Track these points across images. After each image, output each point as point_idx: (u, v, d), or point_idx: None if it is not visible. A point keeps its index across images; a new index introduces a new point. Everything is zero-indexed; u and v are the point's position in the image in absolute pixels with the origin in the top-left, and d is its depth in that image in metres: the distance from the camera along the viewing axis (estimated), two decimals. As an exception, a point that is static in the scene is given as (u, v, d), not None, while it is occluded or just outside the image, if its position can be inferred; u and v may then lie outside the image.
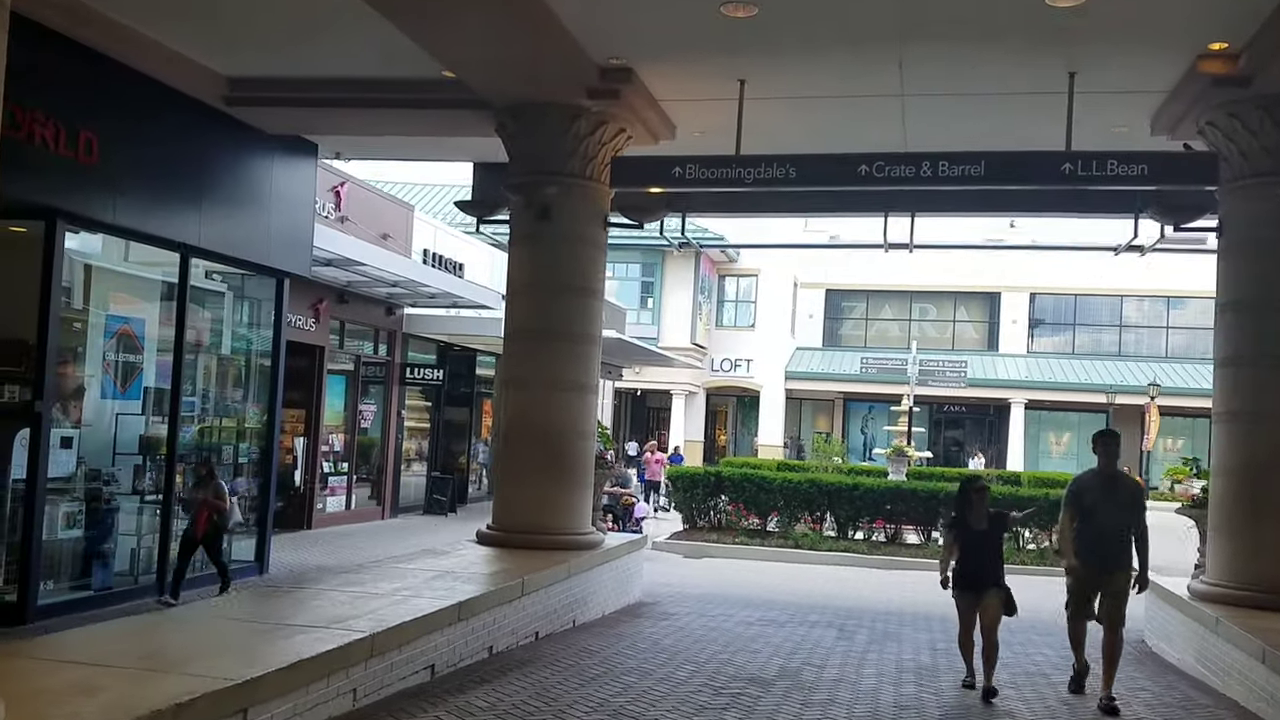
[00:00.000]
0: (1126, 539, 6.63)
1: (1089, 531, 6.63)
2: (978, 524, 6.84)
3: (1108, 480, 6.76)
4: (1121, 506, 6.61)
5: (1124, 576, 6.71)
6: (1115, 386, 34.46)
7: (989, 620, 6.78)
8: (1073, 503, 6.78)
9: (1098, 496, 6.63)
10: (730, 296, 39.12)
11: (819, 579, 13.73)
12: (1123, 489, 6.78)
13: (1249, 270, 7.42)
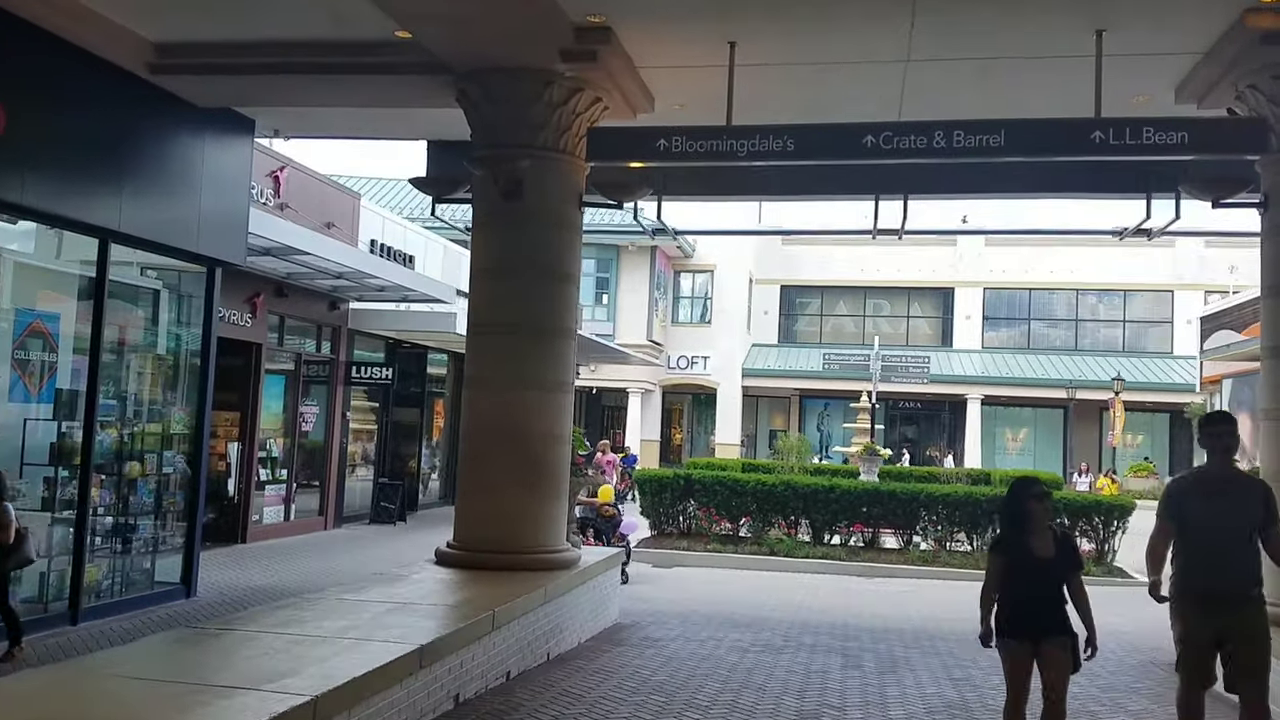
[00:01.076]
0: (1253, 563, 5.01)
1: (1199, 555, 5.04)
2: (1040, 549, 5.02)
3: (1223, 483, 5.10)
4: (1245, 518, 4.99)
5: (1257, 613, 5.02)
6: (1076, 381, 34.34)
7: (1053, 683, 5.01)
8: (1172, 515, 5.17)
9: (1210, 507, 5.03)
10: (686, 293, 38.36)
11: (801, 590, 12.89)
12: (1245, 493, 5.10)
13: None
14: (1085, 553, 15.49)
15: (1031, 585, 5.02)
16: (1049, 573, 5.04)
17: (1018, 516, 5.14)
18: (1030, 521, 5.07)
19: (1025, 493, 5.14)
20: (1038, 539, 5.07)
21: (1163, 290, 37.89)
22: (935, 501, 15.58)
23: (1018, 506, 5.14)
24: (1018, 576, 5.06)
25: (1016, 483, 5.30)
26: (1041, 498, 5.09)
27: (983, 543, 15.26)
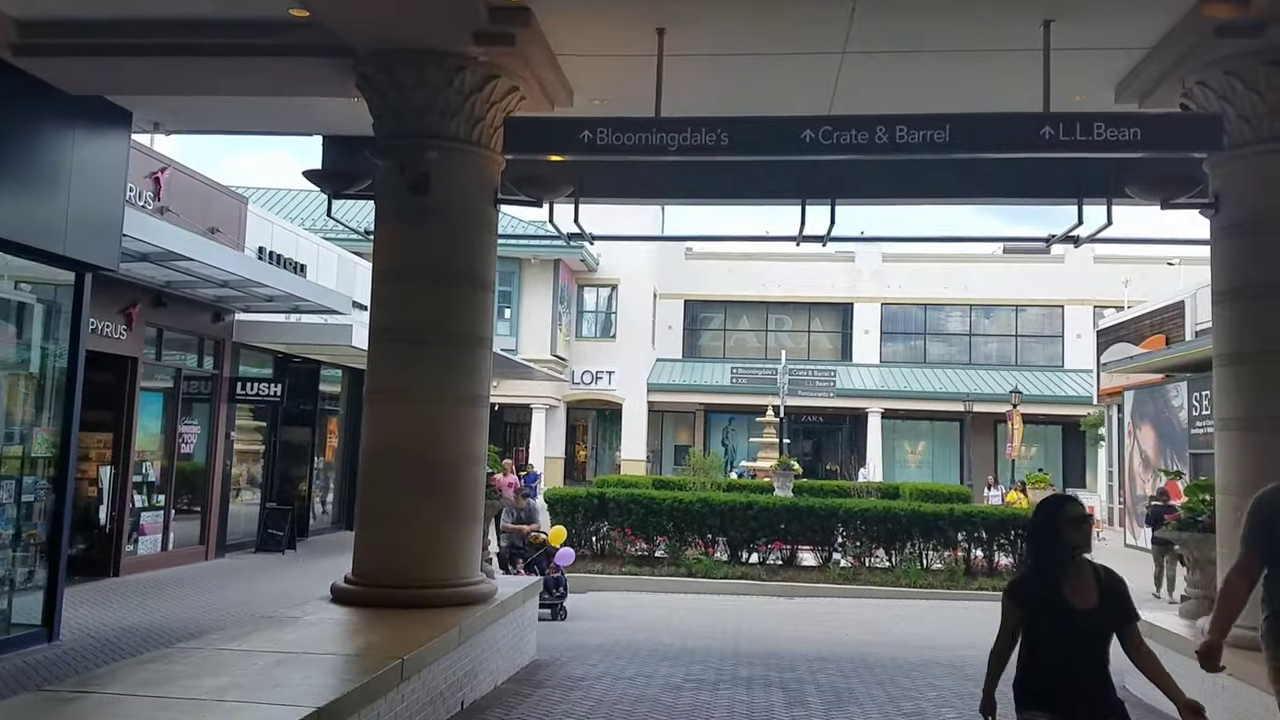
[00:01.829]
0: None
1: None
2: (1078, 595, 3.68)
3: None
4: None
5: None
6: (973, 395, 35.01)
7: None
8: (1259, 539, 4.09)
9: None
10: (590, 307, 37.77)
11: (724, 613, 12.33)
12: None
13: (1257, 251, 6.48)
14: (1003, 568, 15.51)
15: (1067, 648, 3.64)
16: (1091, 629, 3.65)
17: (1048, 548, 3.74)
18: (1065, 555, 3.71)
19: (1058, 514, 3.74)
20: (1075, 581, 3.70)
21: (1053, 306, 39.14)
22: (854, 517, 15.30)
23: (1049, 534, 3.74)
24: (1047, 634, 3.67)
25: (1047, 502, 3.88)
26: (1080, 522, 3.74)
27: (901, 557, 15.07)
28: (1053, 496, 3.97)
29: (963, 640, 10.82)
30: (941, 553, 15.18)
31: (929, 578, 14.67)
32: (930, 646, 10.34)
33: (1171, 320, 23.95)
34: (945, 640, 10.84)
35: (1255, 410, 6.49)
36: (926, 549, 15.22)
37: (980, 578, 14.81)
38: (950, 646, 10.37)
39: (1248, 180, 6.48)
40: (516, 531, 12.42)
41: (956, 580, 14.62)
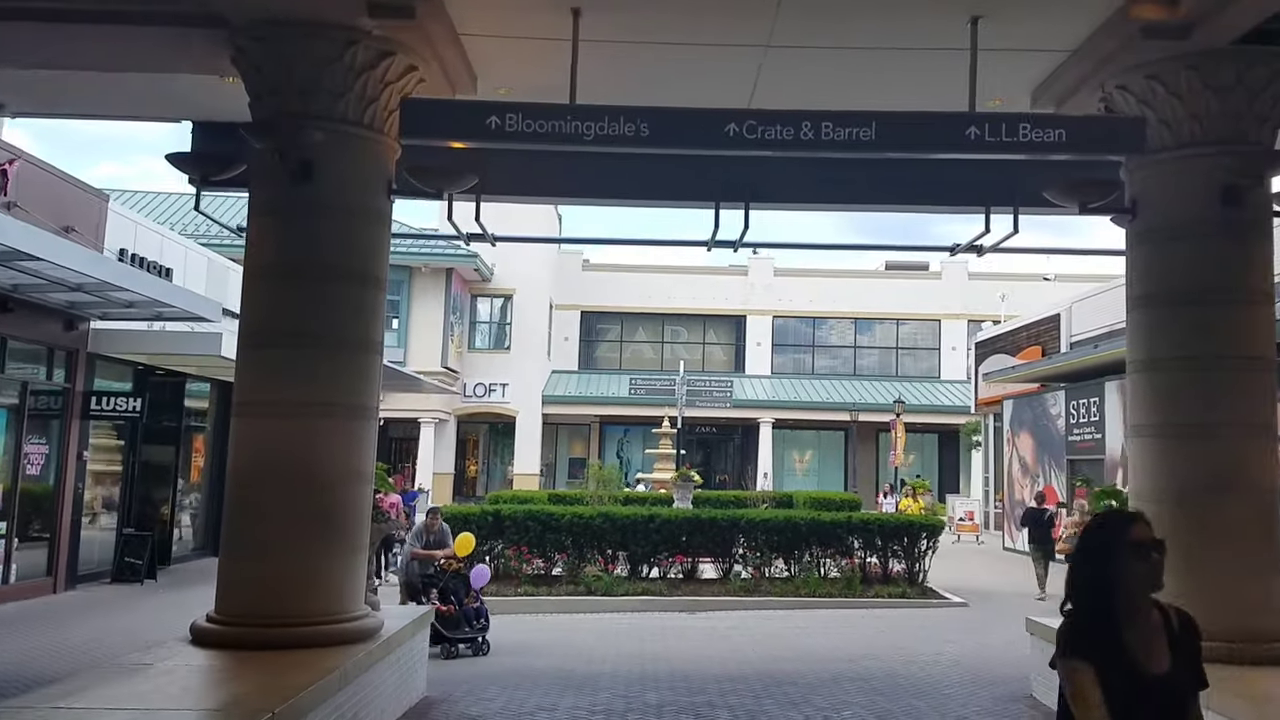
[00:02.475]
0: None
1: None
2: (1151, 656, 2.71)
3: None
4: None
5: None
6: (858, 405, 35.68)
7: None
8: None
9: None
10: (484, 318, 36.84)
11: (627, 633, 11.82)
12: None
13: (1171, 259, 6.40)
14: (897, 574, 15.57)
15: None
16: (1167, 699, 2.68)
17: (1109, 583, 2.71)
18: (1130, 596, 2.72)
19: (1119, 537, 2.75)
20: (1142, 632, 2.72)
21: (931, 320, 40.31)
22: (755, 527, 15.05)
23: (1106, 564, 2.71)
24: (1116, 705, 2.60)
25: (1105, 521, 2.90)
26: (1149, 549, 2.74)
27: (800, 567, 14.91)
28: (1112, 513, 2.97)
29: (865, 650, 10.67)
30: (839, 561, 15.09)
31: (827, 586, 14.56)
32: (836, 659, 10.12)
33: (1047, 332, 24.79)
34: (849, 650, 10.66)
35: (1169, 417, 6.42)
36: (824, 558, 15.10)
37: (876, 585, 14.81)
38: (855, 657, 10.19)
39: (1166, 186, 6.42)
40: (427, 558, 11.05)
41: (854, 588, 14.55)
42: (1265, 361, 6.38)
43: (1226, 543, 6.11)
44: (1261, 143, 6.20)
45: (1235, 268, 6.25)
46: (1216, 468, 6.15)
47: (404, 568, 11.00)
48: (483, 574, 11.20)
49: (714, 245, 9.63)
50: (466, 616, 10.35)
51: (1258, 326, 6.34)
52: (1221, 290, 6.23)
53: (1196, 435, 6.21)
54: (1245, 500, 6.14)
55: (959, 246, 9.86)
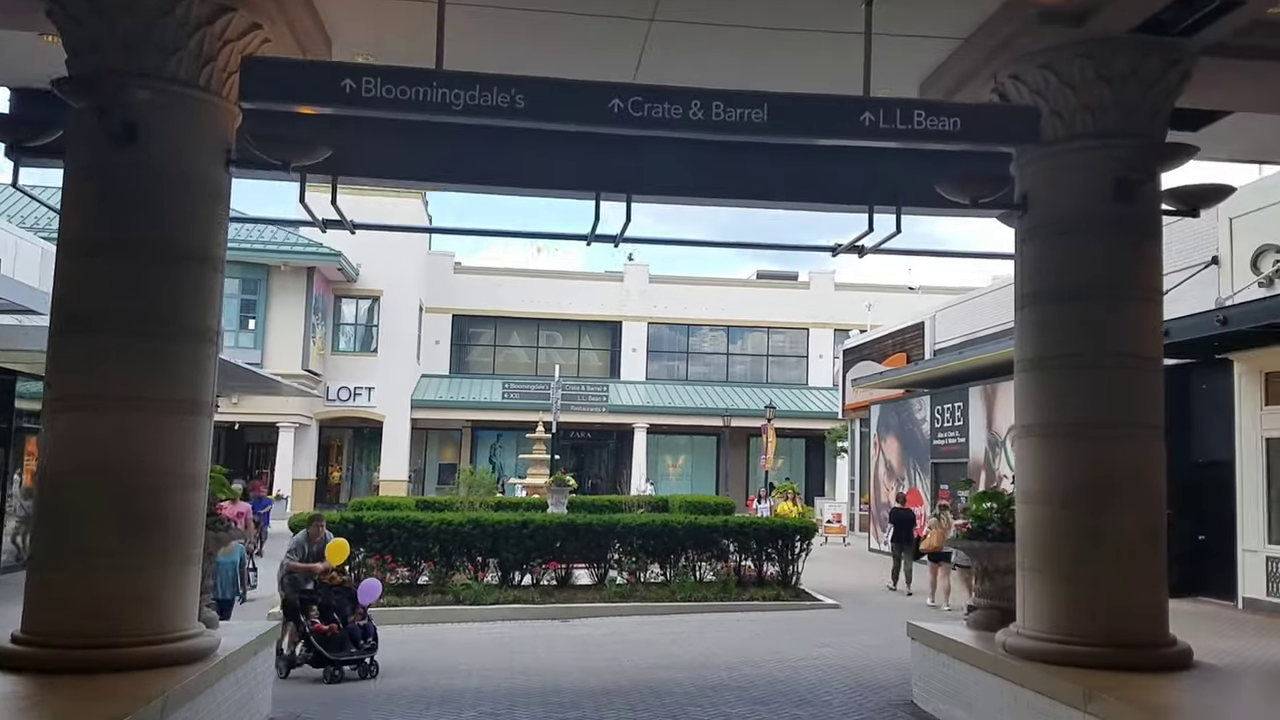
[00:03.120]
0: None
1: None
2: None
3: None
4: None
5: None
6: (731, 410, 36.02)
7: None
8: None
9: None
10: (349, 319, 35.35)
11: (495, 643, 11.22)
12: None
13: (1061, 255, 6.30)
14: (771, 576, 15.48)
15: None
16: None
17: None
18: None
19: None
20: None
21: (800, 328, 41.11)
22: (631, 532, 14.66)
23: None
24: None
25: None
26: None
27: (675, 571, 14.63)
28: None
29: (742, 655, 10.42)
30: (715, 565, 14.89)
31: (703, 590, 14.33)
32: (714, 666, 9.83)
33: (912, 340, 25.49)
34: (727, 657, 10.37)
35: (1058, 416, 6.33)
36: (700, 561, 14.87)
37: (751, 588, 14.67)
38: (732, 664, 9.91)
39: (1057, 180, 6.34)
40: (307, 572, 9.82)
41: (729, 591, 14.38)
42: (1154, 361, 6.37)
43: (1114, 546, 6.02)
44: (1154, 136, 6.18)
45: (1125, 264, 6.20)
46: (1105, 469, 6.07)
47: (282, 583, 9.92)
48: (372, 589, 10.03)
49: (594, 239, 9.19)
50: (352, 635, 9.32)
51: (1147, 325, 6.31)
52: (1111, 287, 6.17)
53: (1085, 435, 6.12)
54: (1133, 502, 6.08)
55: (841, 246, 9.73)
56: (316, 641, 9.06)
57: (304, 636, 9.22)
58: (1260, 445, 12.84)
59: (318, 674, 9.08)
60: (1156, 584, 6.13)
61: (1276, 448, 12.78)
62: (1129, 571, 6.00)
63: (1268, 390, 12.89)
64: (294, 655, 9.26)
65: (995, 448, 18.17)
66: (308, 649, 9.18)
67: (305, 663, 9.19)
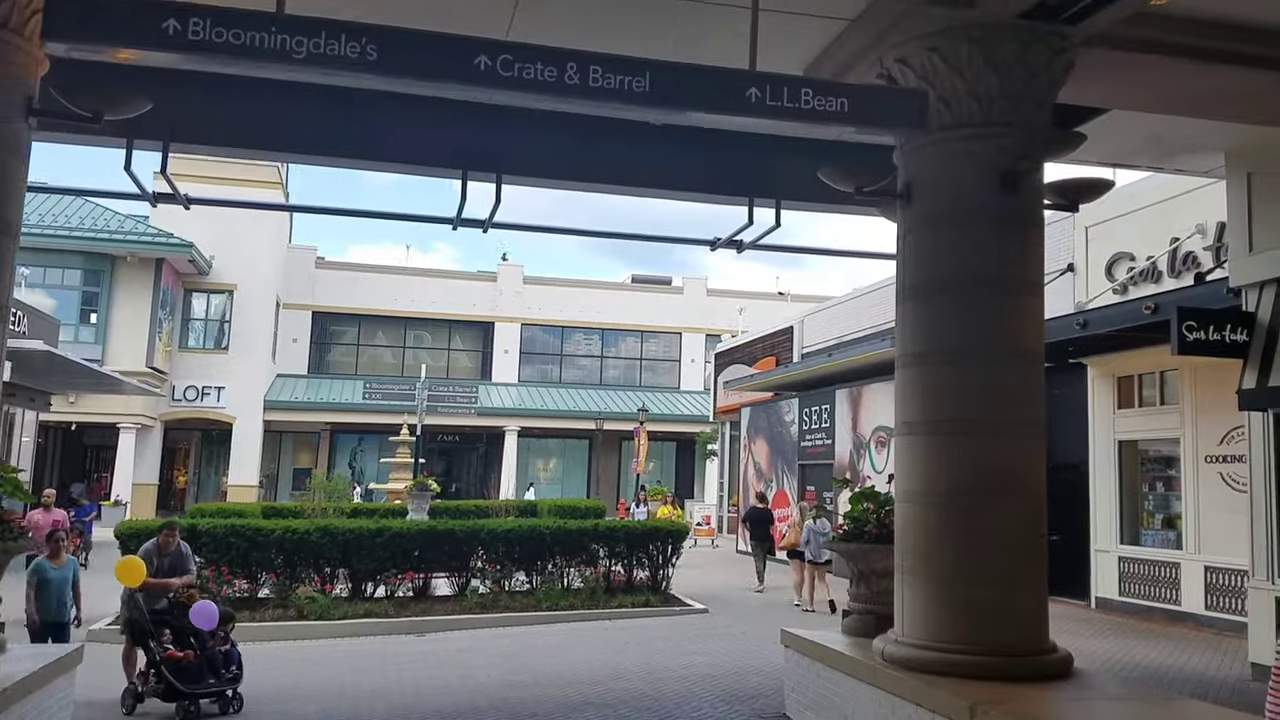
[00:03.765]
0: None
1: None
2: None
3: None
4: None
5: None
6: (604, 413, 35.65)
7: None
8: None
9: None
10: (200, 315, 33.18)
11: (341, 662, 10.40)
12: None
13: (944, 247, 6.05)
14: (641, 581, 15.08)
15: None
16: None
17: None
18: None
19: None
20: None
21: (672, 332, 41.16)
22: (496, 538, 14.00)
23: None
24: None
25: None
26: None
27: (542, 578, 14.07)
28: None
29: (610, 669, 9.93)
30: (583, 571, 14.39)
31: (570, 598, 13.80)
32: (579, 681, 9.32)
33: (782, 344, 25.75)
34: (593, 669, 9.88)
35: (938, 413, 6.10)
36: (569, 568, 14.35)
37: (620, 594, 14.23)
38: (599, 679, 9.42)
39: (941, 169, 6.12)
40: (159, 588, 8.34)
41: (597, 599, 13.91)
42: (1036, 355, 6.22)
43: (996, 547, 5.82)
44: (1038, 126, 6.03)
45: (1009, 257, 6.00)
46: (987, 467, 5.84)
47: (126, 601, 8.47)
48: (206, 613, 8.17)
49: (460, 223, 8.58)
50: (212, 663, 8.01)
51: (1029, 319, 6.16)
52: (994, 280, 5.96)
53: (967, 432, 5.89)
54: (1015, 502, 5.88)
55: (719, 240, 9.45)
56: (168, 671, 7.77)
57: (153, 665, 7.92)
58: (1113, 448, 13.29)
59: (170, 709, 7.82)
60: (1039, 587, 5.97)
61: (1129, 450, 13.25)
62: (1011, 574, 5.80)
63: (1120, 394, 13.36)
64: (140, 687, 8.02)
65: (860, 449, 18.36)
66: (158, 679, 7.87)
67: (155, 695, 7.89)
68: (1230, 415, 11.41)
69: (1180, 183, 12.02)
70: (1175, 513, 12.58)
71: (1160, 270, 12.53)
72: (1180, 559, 12.25)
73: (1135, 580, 12.97)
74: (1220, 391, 11.48)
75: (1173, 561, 12.36)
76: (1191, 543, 12.06)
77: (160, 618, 8.18)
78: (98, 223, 29.15)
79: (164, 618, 8.18)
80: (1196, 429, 12.08)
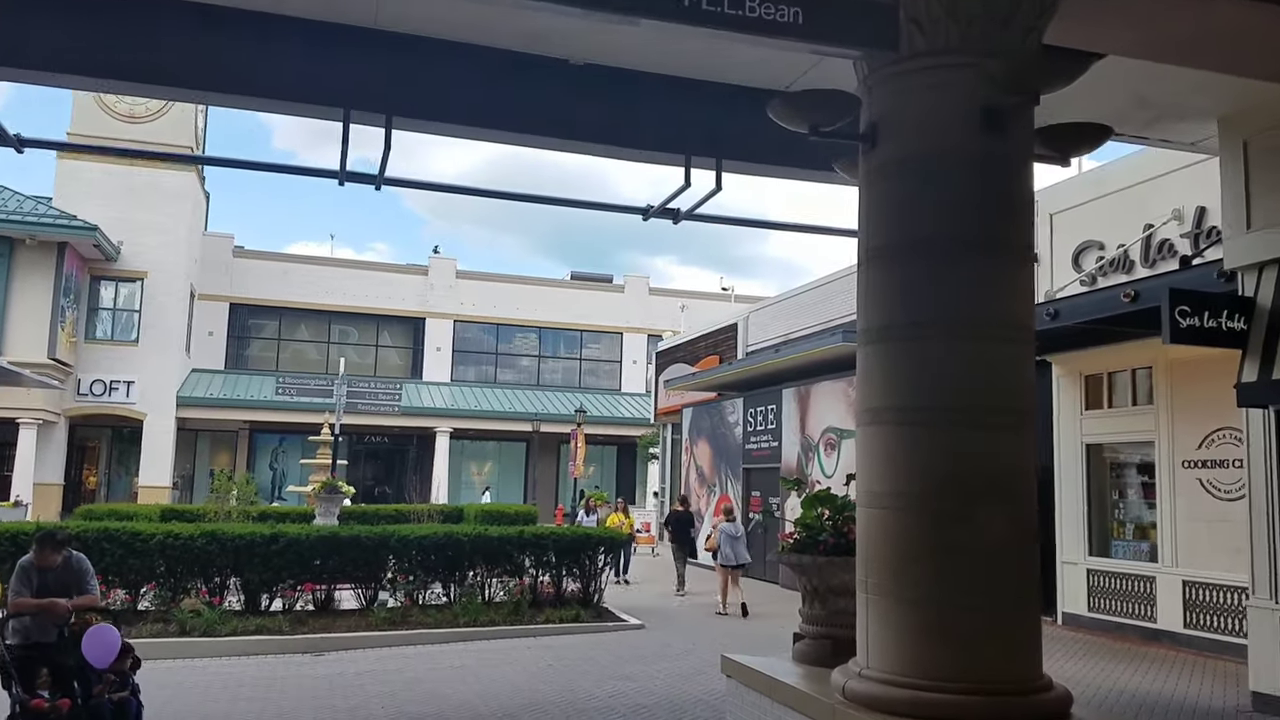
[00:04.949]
0: None
1: None
2: None
3: None
4: None
5: None
6: (541, 415, 34.33)
7: None
8: None
9: None
10: (107, 304, 31.01)
11: (219, 687, 9.02)
12: None
13: (917, 199, 4.95)
14: (571, 594, 13.84)
15: None
16: None
17: None
18: None
19: None
20: None
21: (613, 332, 39.98)
22: (408, 546, 12.64)
23: None
24: None
25: None
26: None
27: (461, 590, 12.77)
28: None
29: (525, 698, 8.71)
30: (507, 582, 13.11)
31: (491, 612, 12.48)
32: (485, 714, 8.09)
33: (725, 342, 24.74)
34: (506, 700, 8.65)
35: (911, 398, 5.00)
36: (491, 579, 13.06)
37: (547, 608, 12.95)
38: (509, 710, 8.23)
39: (914, 105, 5.03)
40: (46, 612, 6.11)
41: (521, 613, 12.61)
42: (1027, 332, 5.16)
43: (982, 560, 4.74)
44: (1029, 54, 4.97)
45: (994, 212, 4.94)
46: (970, 463, 4.75)
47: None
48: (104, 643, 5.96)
49: (346, 178, 7.32)
50: (95, 715, 5.89)
51: (1019, 287, 5.09)
52: (977, 240, 4.89)
53: (946, 422, 4.80)
54: (1003, 505, 4.80)
55: (652, 209, 8.33)
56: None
57: (13, 716, 5.83)
58: (1080, 451, 12.36)
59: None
60: (1031, 609, 4.91)
61: (1096, 454, 12.33)
62: (999, 592, 4.73)
63: (1087, 393, 12.45)
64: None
65: (809, 452, 17.37)
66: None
67: None
68: (1210, 417, 10.59)
69: (1154, 164, 11.18)
70: (1149, 522, 11.64)
71: (1133, 260, 11.65)
72: (1156, 572, 11.29)
73: (1106, 595, 12.00)
74: (1200, 391, 10.65)
75: (1147, 575, 11.41)
76: (1168, 555, 11.13)
77: (34, 653, 6.01)
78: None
79: (46, 653, 6.02)
80: (1173, 432, 11.17)
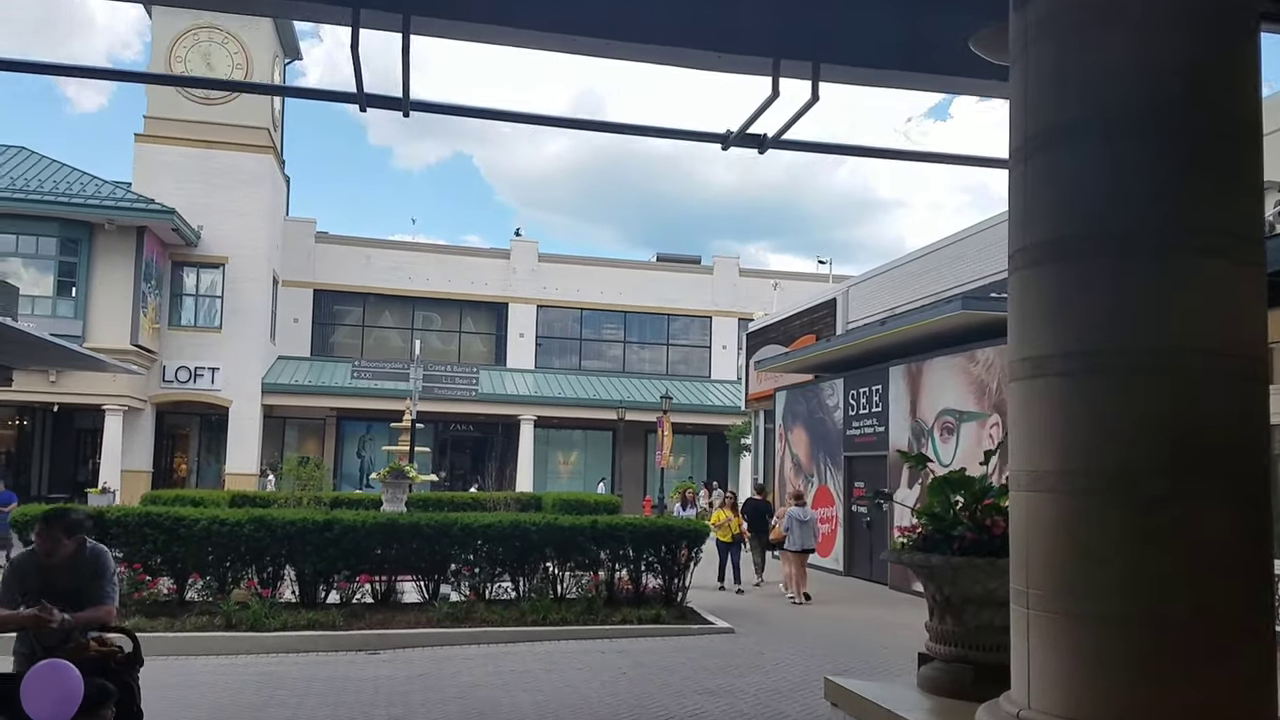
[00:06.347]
0: None
1: None
2: None
3: None
4: None
5: None
6: (626, 403, 33.21)
7: None
8: None
9: None
10: (190, 290, 31.10)
11: (255, 687, 8.06)
12: None
13: (1103, 63, 3.46)
14: (651, 591, 12.60)
15: None
16: None
17: None
18: None
19: None
20: None
21: (702, 315, 38.56)
22: (472, 535, 11.58)
23: None
24: None
25: None
26: None
27: (530, 587, 11.66)
28: None
29: (592, 712, 7.48)
30: (580, 577, 11.94)
31: (562, 610, 11.29)
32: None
33: (823, 319, 23.07)
34: (568, 716, 7.42)
35: (1097, 338, 3.54)
36: (563, 572, 11.91)
37: (624, 607, 11.71)
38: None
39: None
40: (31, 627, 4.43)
41: (595, 611, 11.40)
42: (1255, 246, 3.64)
43: (1206, 561, 3.25)
44: None
45: (1210, 78, 3.38)
46: (1183, 427, 3.25)
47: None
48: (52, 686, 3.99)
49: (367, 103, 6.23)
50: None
51: (1244, 183, 3.57)
52: (1181, 120, 3.39)
53: (1149, 369, 3.33)
54: (1226, 484, 3.27)
55: (732, 134, 6.99)
56: None
57: None
58: None
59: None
60: (1266, 625, 3.42)
61: None
62: (1223, 604, 3.25)
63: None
64: None
65: (921, 437, 15.59)
66: None
67: None
68: None
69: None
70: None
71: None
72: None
73: None
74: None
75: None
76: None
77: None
78: (73, 187, 27.23)
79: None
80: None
